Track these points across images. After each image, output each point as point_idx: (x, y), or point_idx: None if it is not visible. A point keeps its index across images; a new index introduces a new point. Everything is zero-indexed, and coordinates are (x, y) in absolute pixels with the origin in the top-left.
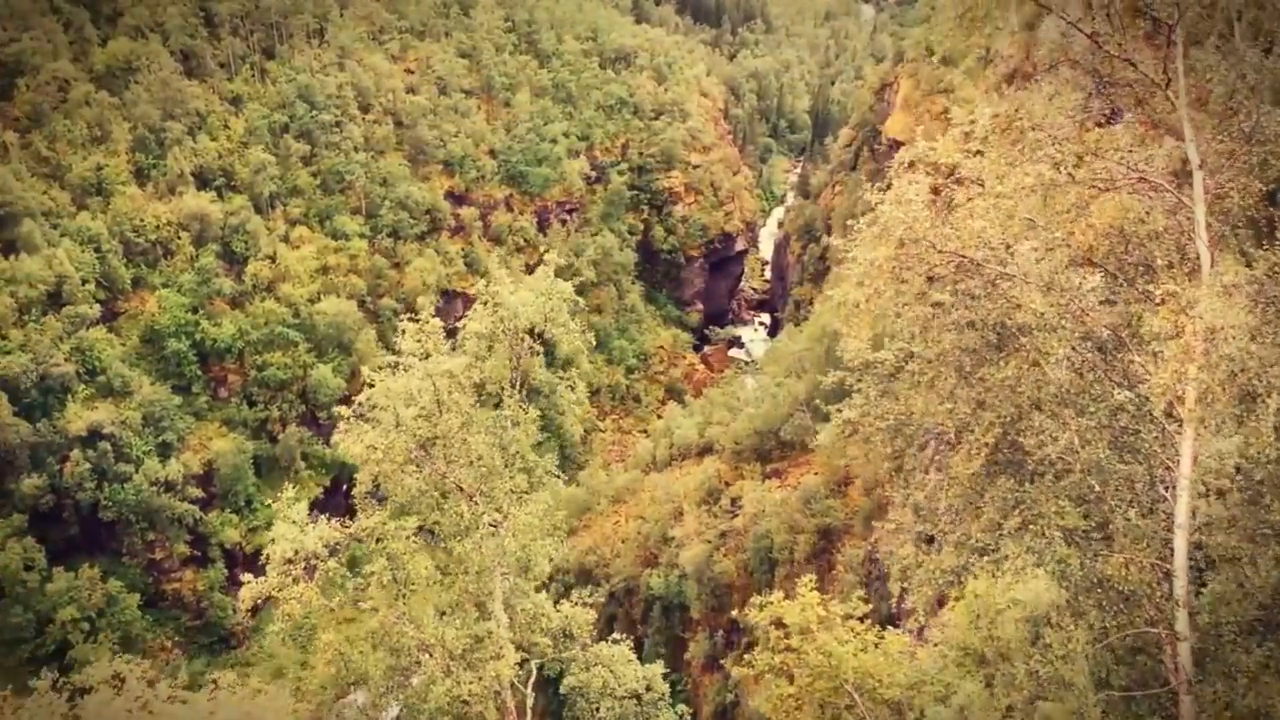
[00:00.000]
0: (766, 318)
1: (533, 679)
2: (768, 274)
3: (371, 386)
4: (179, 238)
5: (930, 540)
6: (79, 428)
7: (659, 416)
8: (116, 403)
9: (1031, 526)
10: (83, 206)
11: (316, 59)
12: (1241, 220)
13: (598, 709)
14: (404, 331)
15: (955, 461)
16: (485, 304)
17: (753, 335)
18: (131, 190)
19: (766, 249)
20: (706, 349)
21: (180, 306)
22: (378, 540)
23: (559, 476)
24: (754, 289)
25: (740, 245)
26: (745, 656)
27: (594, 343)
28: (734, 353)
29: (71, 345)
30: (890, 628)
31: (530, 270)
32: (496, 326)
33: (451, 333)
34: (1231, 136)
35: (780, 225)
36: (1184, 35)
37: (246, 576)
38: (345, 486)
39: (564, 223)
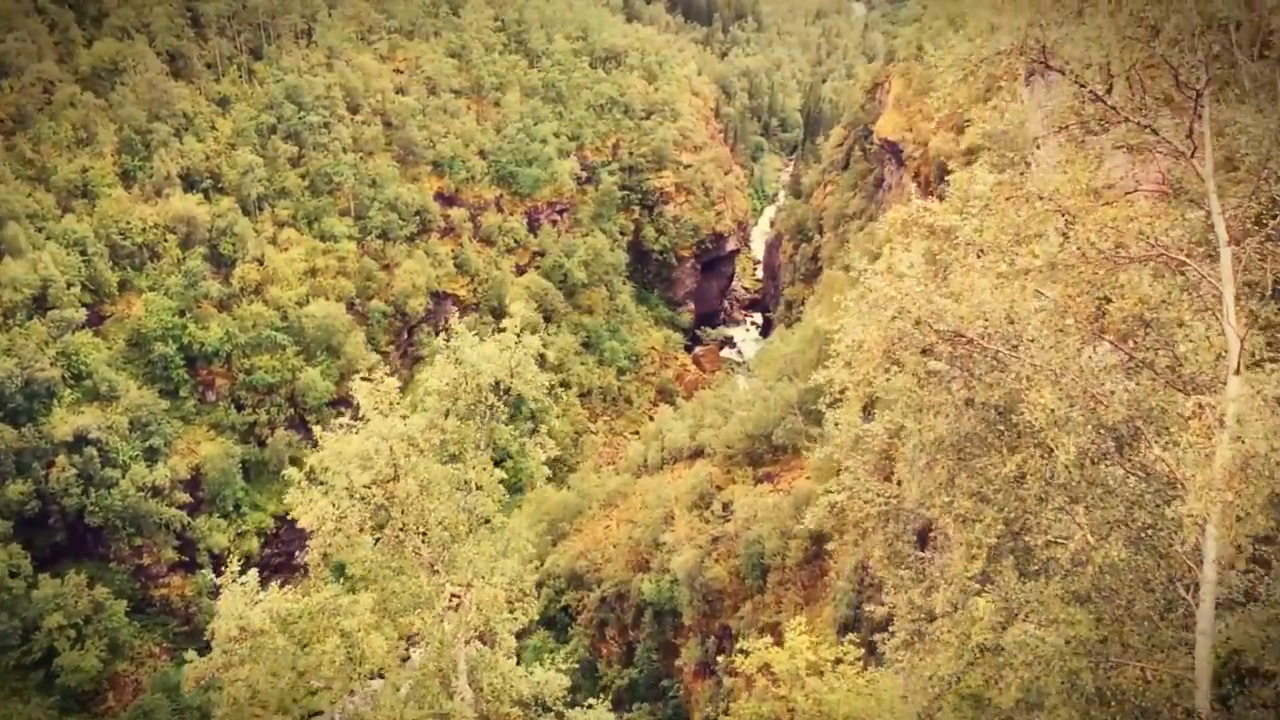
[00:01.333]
0: (759, 317)
1: None
2: (760, 273)
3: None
4: (165, 240)
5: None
6: (65, 433)
7: (650, 418)
8: (103, 407)
9: (1038, 632)
10: (68, 209)
11: (304, 59)
12: (1269, 292)
13: None
14: (358, 391)
15: (954, 559)
16: (446, 360)
17: (745, 335)
18: (117, 193)
19: (758, 248)
20: (698, 349)
21: (167, 310)
22: (332, 615)
23: (531, 540)
24: (745, 288)
25: (732, 245)
26: (732, 707)
27: (553, 392)
28: (726, 353)
29: (57, 349)
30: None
31: (521, 271)
32: (458, 385)
33: (441, 332)
34: (1260, 201)
35: (772, 224)
36: (1211, 101)
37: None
38: None
39: (554, 223)
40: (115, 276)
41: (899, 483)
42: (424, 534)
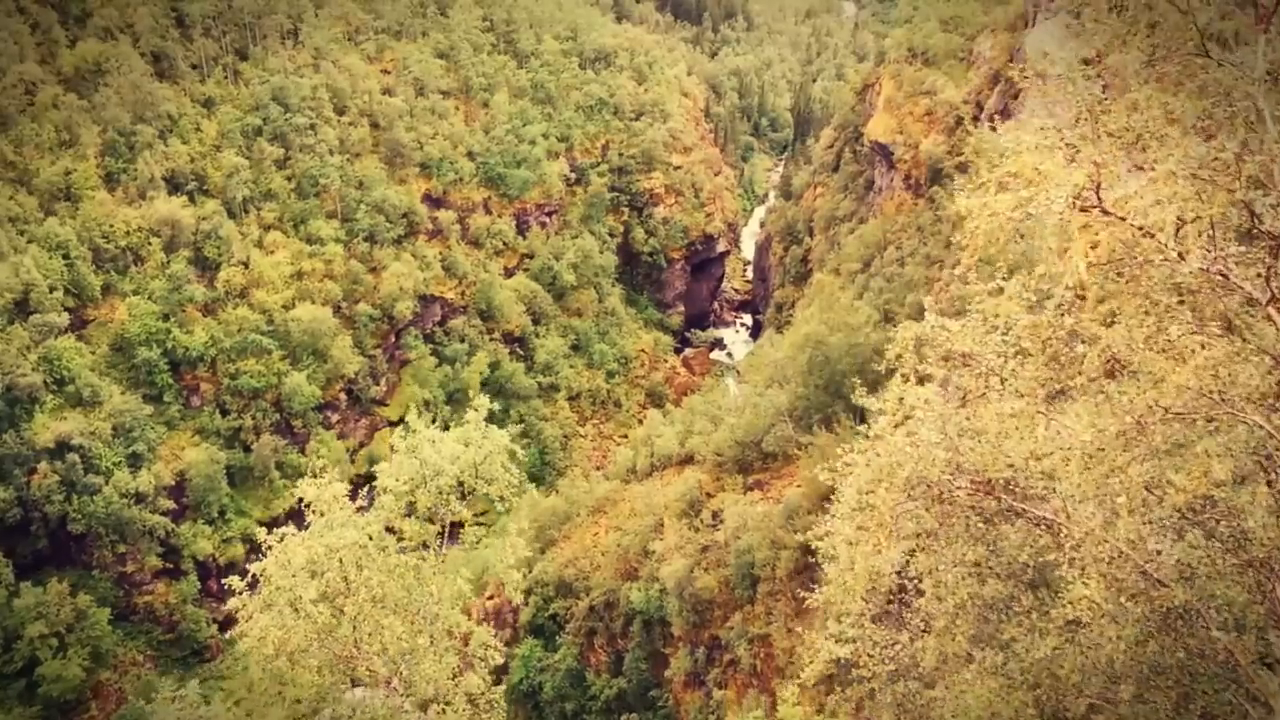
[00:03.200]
0: (749, 318)
1: None
2: (749, 274)
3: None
4: (150, 244)
5: None
6: (47, 439)
7: (640, 421)
8: (86, 413)
9: None
10: (51, 212)
11: (291, 60)
12: None
13: None
14: (304, 493)
15: None
16: (405, 455)
17: (734, 336)
18: (101, 195)
19: (748, 248)
20: (688, 352)
21: (151, 314)
22: None
23: (498, 649)
24: (736, 289)
25: (722, 246)
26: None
27: (521, 486)
28: (716, 355)
29: (39, 354)
30: None
31: (509, 274)
32: (417, 485)
33: (430, 337)
34: None
35: (762, 225)
36: None
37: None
38: None
39: (543, 225)
40: (98, 280)
41: (908, 634)
42: (379, 648)
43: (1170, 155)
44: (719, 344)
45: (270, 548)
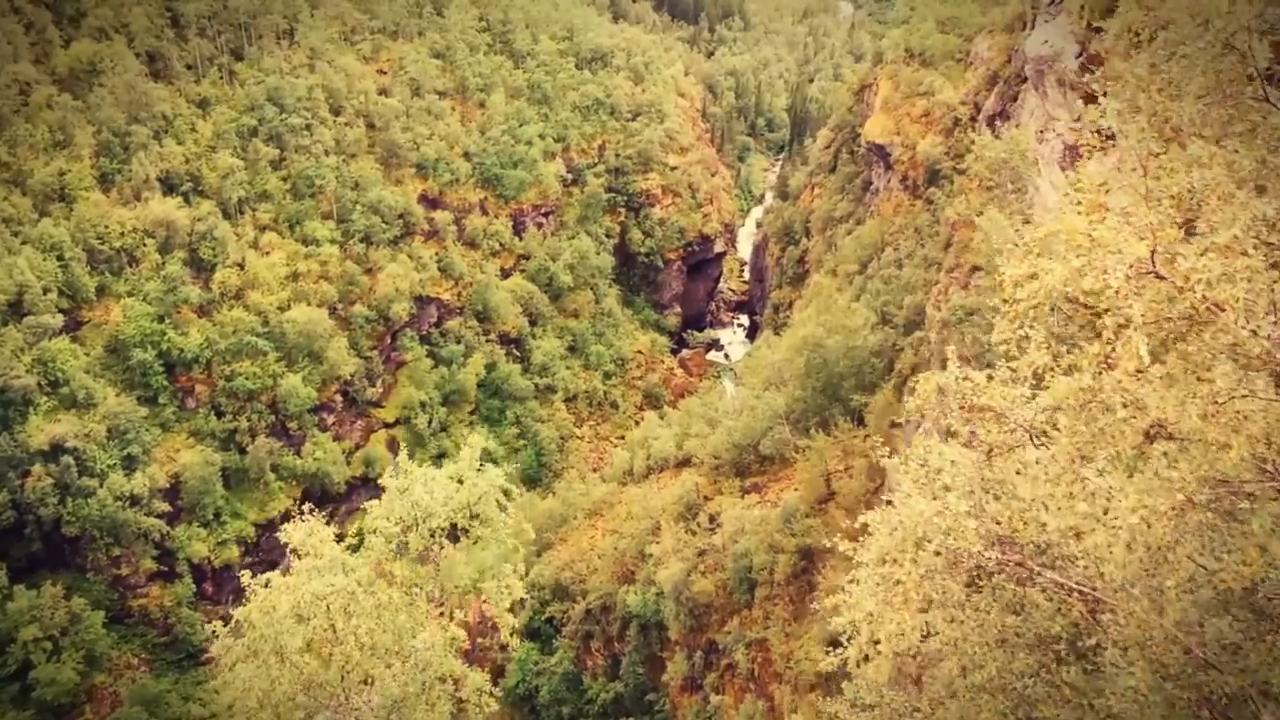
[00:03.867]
0: (745, 319)
1: None
2: (746, 274)
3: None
4: (144, 245)
5: None
6: (41, 441)
7: (637, 423)
8: (80, 415)
9: None
10: (45, 213)
11: (286, 60)
12: None
13: None
14: (289, 536)
15: None
16: (396, 495)
17: (731, 337)
18: (95, 196)
19: (745, 249)
20: (684, 353)
21: (146, 315)
22: None
23: (494, 694)
24: (732, 289)
25: (719, 247)
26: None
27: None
28: (713, 355)
29: (33, 356)
30: None
31: (506, 275)
32: (408, 527)
33: (426, 338)
34: None
35: (759, 225)
36: None
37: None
38: (319, 497)
39: (540, 226)
40: (93, 282)
41: (928, 701)
42: (369, 697)
43: (1235, 219)
44: (716, 345)
45: (254, 593)
